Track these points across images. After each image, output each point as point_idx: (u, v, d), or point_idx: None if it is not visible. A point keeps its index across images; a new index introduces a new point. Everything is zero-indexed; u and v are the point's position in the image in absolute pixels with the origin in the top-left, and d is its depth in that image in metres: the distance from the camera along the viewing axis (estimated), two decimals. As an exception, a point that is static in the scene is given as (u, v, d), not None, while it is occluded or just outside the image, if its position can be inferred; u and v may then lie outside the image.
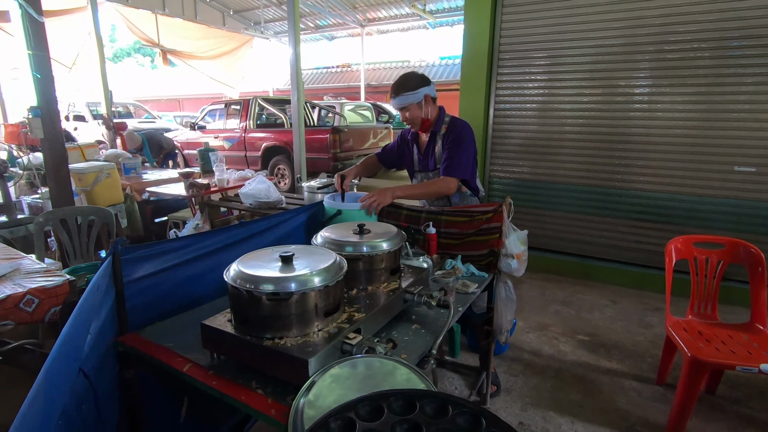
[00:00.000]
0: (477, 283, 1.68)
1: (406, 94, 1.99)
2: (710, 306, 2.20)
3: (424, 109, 2.04)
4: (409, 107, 2.02)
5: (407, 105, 2.01)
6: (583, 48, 3.51)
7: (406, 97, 1.99)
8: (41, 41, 2.64)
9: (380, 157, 2.38)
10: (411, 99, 1.99)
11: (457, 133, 2.04)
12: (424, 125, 2.09)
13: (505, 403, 2.14)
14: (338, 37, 14.12)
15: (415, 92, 1.99)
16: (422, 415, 0.63)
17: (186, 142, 8.62)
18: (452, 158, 2.01)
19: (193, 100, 20.00)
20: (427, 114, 2.06)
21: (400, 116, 2.10)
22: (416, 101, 2.00)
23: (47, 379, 0.74)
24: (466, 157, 2.03)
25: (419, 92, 2.00)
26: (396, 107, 2.07)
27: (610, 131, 3.53)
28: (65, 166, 2.88)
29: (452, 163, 2.00)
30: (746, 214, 3.17)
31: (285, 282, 1.05)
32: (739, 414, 2.06)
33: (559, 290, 3.50)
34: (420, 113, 2.04)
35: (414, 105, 2.01)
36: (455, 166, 2.00)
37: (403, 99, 2.00)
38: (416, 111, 2.03)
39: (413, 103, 2.01)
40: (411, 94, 1.99)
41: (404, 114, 2.06)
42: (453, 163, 2.00)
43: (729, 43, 3.05)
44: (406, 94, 1.99)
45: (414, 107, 2.02)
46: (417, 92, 1.99)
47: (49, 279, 1.64)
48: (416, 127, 2.12)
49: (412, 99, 2.00)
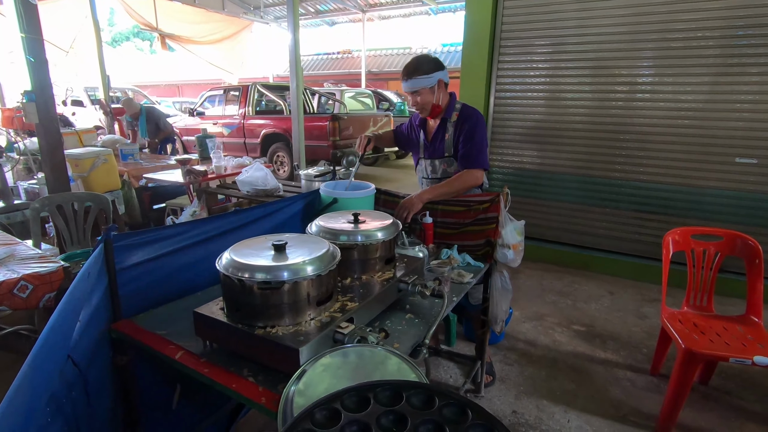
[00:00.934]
0: (472, 273, 1.68)
1: (419, 78, 1.92)
2: (706, 298, 2.20)
3: (436, 95, 1.97)
4: (421, 91, 1.94)
5: (419, 89, 1.93)
6: (585, 36, 3.46)
7: (419, 81, 1.92)
8: (34, 24, 2.60)
9: (396, 134, 2.34)
10: (424, 83, 1.92)
11: (472, 123, 1.97)
12: (435, 111, 2.02)
13: (500, 392, 2.15)
14: (339, 23, 13.92)
15: (428, 76, 1.92)
16: (408, 406, 0.63)
17: (185, 128, 8.57)
18: (472, 149, 1.95)
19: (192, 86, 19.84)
20: (439, 99, 1.99)
21: (410, 101, 2.02)
22: (429, 85, 1.93)
23: (33, 367, 0.74)
24: (485, 147, 1.99)
25: (433, 76, 1.93)
26: (407, 91, 1.98)
27: (611, 121, 3.49)
28: (61, 151, 2.85)
29: (474, 155, 1.95)
30: (747, 206, 3.15)
31: (277, 271, 1.05)
32: (731, 405, 2.08)
33: (556, 280, 3.50)
34: (432, 98, 1.97)
35: (426, 89, 1.94)
36: (477, 158, 1.95)
37: (416, 82, 1.92)
38: (428, 96, 1.96)
39: (426, 87, 1.93)
40: (424, 78, 1.92)
41: (415, 98, 1.97)
42: (474, 155, 1.95)
43: (734, 32, 3.00)
44: (419, 78, 1.92)
45: (426, 92, 1.95)
46: (431, 76, 1.92)
47: (43, 265, 1.63)
48: (426, 113, 2.04)
49: (425, 83, 1.92)
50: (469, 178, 1.94)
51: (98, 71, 7.26)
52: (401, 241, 1.71)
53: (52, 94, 2.74)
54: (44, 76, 2.66)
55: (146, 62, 22.50)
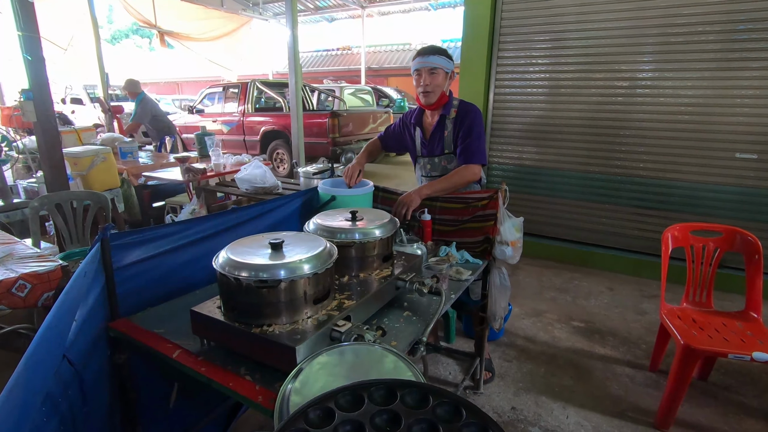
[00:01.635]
0: (471, 270, 1.68)
1: (441, 57, 1.93)
2: (705, 294, 2.20)
3: (447, 83, 1.99)
4: (439, 71, 1.93)
5: (439, 68, 1.93)
6: (585, 31, 3.44)
7: (442, 59, 1.93)
8: (31, 22, 2.59)
9: (382, 140, 2.32)
10: (444, 63, 1.94)
11: (471, 120, 1.98)
12: (441, 100, 2.00)
13: (499, 388, 2.16)
14: (338, 19, 13.85)
15: (449, 60, 1.96)
16: (402, 405, 0.63)
17: (184, 126, 8.54)
18: (471, 145, 1.96)
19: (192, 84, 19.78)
20: (447, 89, 2.01)
21: (421, 81, 1.95)
22: (447, 69, 1.96)
23: (28, 366, 0.74)
24: (483, 143, 2.00)
25: (451, 63, 1.97)
26: (425, 66, 1.92)
27: (611, 116, 3.48)
28: (59, 150, 2.85)
29: (472, 150, 1.96)
30: (747, 201, 3.15)
31: (273, 269, 1.05)
32: (730, 400, 2.08)
33: (556, 277, 3.50)
34: (444, 83, 1.97)
35: (443, 72, 1.95)
36: (476, 153, 1.96)
37: (438, 60, 1.92)
38: (442, 79, 1.96)
39: (444, 68, 1.95)
40: (446, 60, 1.94)
41: (430, 77, 1.93)
42: (472, 150, 1.96)
43: (735, 27, 2.98)
44: (442, 57, 1.93)
45: (442, 74, 1.95)
46: (450, 62, 1.96)
47: (41, 264, 1.63)
48: (431, 99, 1.98)
49: (445, 64, 1.94)
50: (467, 173, 1.94)
51: (97, 69, 7.24)
52: (399, 238, 1.71)
53: (49, 93, 2.73)
54: (42, 74, 2.65)
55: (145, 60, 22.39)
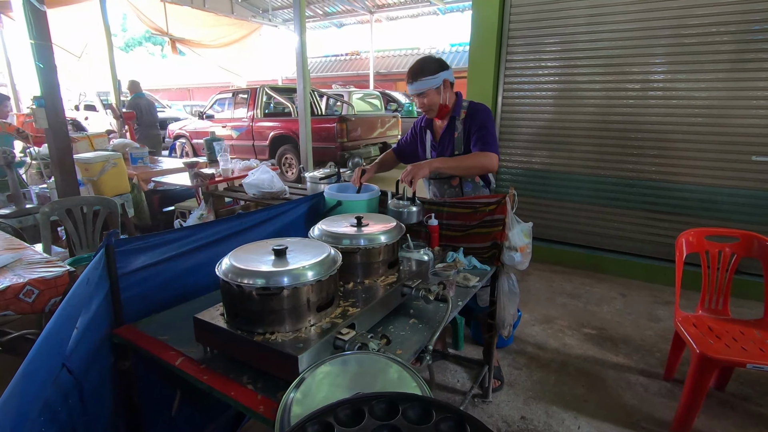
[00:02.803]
0: (479, 276, 1.64)
1: (424, 79, 1.90)
2: (722, 301, 2.14)
3: (443, 95, 1.96)
4: (427, 93, 1.93)
5: (426, 90, 1.92)
6: (596, 33, 3.40)
7: (425, 82, 1.91)
8: (44, 31, 2.63)
9: (396, 151, 2.32)
10: (430, 84, 1.91)
11: (482, 116, 1.96)
12: (442, 111, 2.00)
13: (508, 397, 2.11)
14: (347, 25, 13.94)
15: (434, 77, 1.91)
16: (404, 420, 0.60)
17: (194, 131, 8.64)
18: (486, 136, 1.92)
19: (203, 90, 20.03)
20: (446, 100, 1.98)
21: (417, 103, 2.00)
22: (435, 86, 1.92)
23: (25, 375, 0.73)
24: (496, 136, 1.97)
25: (438, 77, 1.91)
26: (413, 93, 1.97)
27: (622, 119, 3.42)
28: (70, 156, 2.88)
29: (488, 140, 1.92)
30: (764, 205, 3.06)
31: (276, 276, 1.03)
32: (748, 411, 2.01)
33: (566, 282, 3.44)
34: (438, 99, 1.95)
35: (432, 90, 1.93)
36: (492, 144, 1.92)
37: (422, 84, 1.91)
38: (435, 97, 1.94)
39: (432, 88, 1.92)
40: (430, 79, 1.90)
41: (422, 100, 1.96)
42: (488, 140, 1.92)
43: (750, 27, 2.91)
44: (425, 79, 1.90)
45: (432, 93, 1.93)
46: (436, 77, 1.91)
47: (49, 270, 1.64)
48: (433, 114, 2.02)
49: (431, 84, 1.91)
50: (483, 158, 1.88)
51: (110, 76, 7.37)
52: (406, 243, 1.69)
53: (61, 100, 2.77)
54: (53, 81, 2.69)
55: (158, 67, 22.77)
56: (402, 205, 1.81)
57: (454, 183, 2.09)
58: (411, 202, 1.83)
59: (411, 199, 1.84)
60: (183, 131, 9.07)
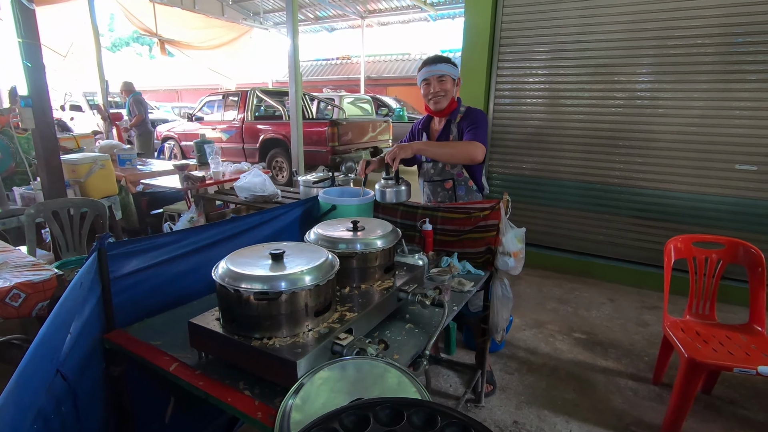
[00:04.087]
0: (473, 281, 1.65)
1: (448, 65, 2.01)
2: (708, 306, 2.18)
3: (455, 89, 2.05)
4: (446, 78, 2.00)
5: (446, 74, 2.00)
6: (585, 42, 3.46)
7: (448, 67, 2.00)
8: (32, 29, 2.58)
9: None
10: (450, 70, 2.01)
11: (476, 118, 2.02)
12: (450, 106, 2.06)
13: (500, 402, 2.12)
14: (338, 29, 13.96)
15: (455, 67, 2.03)
16: (410, 425, 0.60)
17: (183, 134, 8.54)
18: (477, 131, 1.96)
19: (191, 91, 19.84)
20: (456, 94, 2.07)
21: (430, 89, 2.02)
22: (454, 75, 2.02)
23: (19, 383, 0.71)
24: (486, 135, 2.01)
25: (457, 70, 2.04)
26: (434, 74, 1.99)
27: (610, 127, 3.49)
28: (57, 156, 2.83)
29: (478, 134, 1.95)
30: (747, 213, 3.14)
31: (274, 281, 1.02)
32: (735, 415, 2.05)
33: (556, 287, 3.48)
34: (452, 89, 2.04)
35: (450, 78, 2.02)
36: (481, 137, 1.94)
37: (445, 67, 2.00)
38: (451, 84, 2.03)
39: (451, 75, 2.01)
40: (451, 66, 2.02)
41: (439, 84, 2.00)
42: (478, 134, 1.95)
43: (733, 39, 3.00)
44: (448, 65, 2.01)
45: (450, 80, 2.02)
46: (456, 68, 2.03)
47: (36, 273, 1.60)
48: (442, 104, 2.04)
49: (452, 71, 2.01)
50: (468, 145, 1.90)
51: (97, 76, 7.26)
52: (400, 248, 1.69)
53: (48, 100, 2.72)
54: (41, 81, 2.64)
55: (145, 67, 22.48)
56: (389, 185, 1.91)
57: (447, 186, 2.11)
58: (395, 181, 1.91)
59: (396, 179, 1.92)
60: (171, 133, 8.96)
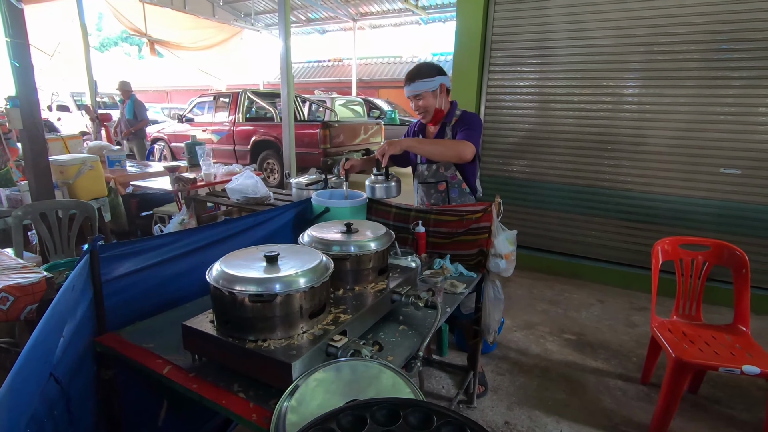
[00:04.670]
0: (465, 283, 1.67)
1: (422, 81, 1.98)
2: (695, 307, 2.23)
3: (439, 99, 2.02)
4: (423, 95, 2.00)
5: (422, 92, 1.99)
6: (573, 47, 3.52)
7: (422, 84, 1.98)
8: (20, 29, 2.55)
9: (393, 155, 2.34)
10: (426, 86, 1.98)
11: (470, 121, 2.02)
12: (437, 116, 2.06)
13: (492, 403, 2.14)
14: (330, 31, 13.97)
15: (431, 80, 1.98)
16: (406, 425, 0.61)
17: (173, 135, 8.47)
18: (467, 132, 1.98)
19: (181, 92, 19.68)
20: (441, 104, 2.04)
21: (413, 106, 2.06)
22: (431, 89, 1.99)
23: (13, 388, 0.70)
24: (479, 138, 2.02)
25: (435, 80, 1.99)
26: (410, 94, 2.03)
27: (599, 131, 3.55)
28: (45, 158, 2.79)
29: (470, 135, 1.96)
30: (731, 215, 3.21)
31: (269, 283, 1.03)
32: (720, 414, 2.09)
33: (547, 289, 3.51)
34: (434, 102, 2.02)
35: (429, 93, 2.00)
36: (473, 138, 1.96)
37: (419, 85, 1.98)
38: (430, 99, 2.01)
39: (428, 90, 1.99)
40: (427, 81, 1.98)
41: (417, 102, 2.02)
42: (470, 135, 1.97)
43: (718, 46, 3.08)
44: (422, 81, 1.98)
45: (428, 95, 2.00)
46: (433, 80, 1.98)
47: (25, 276, 1.58)
48: (428, 118, 2.07)
49: (428, 86, 1.98)
50: (458, 144, 1.92)
51: (85, 76, 7.17)
52: (394, 250, 1.70)
53: (37, 100, 2.68)
54: (30, 81, 2.60)
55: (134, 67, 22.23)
56: (379, 181, 1.96)
57: (441, 188, 2.13)
58: (385, 178, 1.96)
59: (385, 175, 1.96)
60: (161, 134, 8.88)
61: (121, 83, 6.74)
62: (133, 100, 6.73)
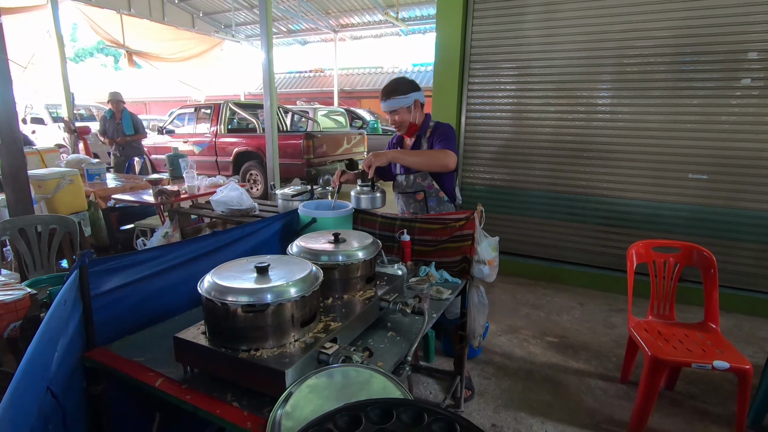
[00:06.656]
0: (450, 290, 1.72)
1: (397, 98, 2.07)
2: (668, 306, 2.33)
3: (413, 114, 2.12)
4: (398, 111, 2.09)
5: (397, 108, 2.08)
6: (548, 60, 3.66)
7: (397, 101, 2.07)
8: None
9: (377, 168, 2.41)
10: (401, 103, 2.07)
11: (443, 130, 2.12)
12: (411, 129, 2.17)
13: (479, 406, 2.19)
14: (311, 42, 14.08)
15: (406, 96, 2.07)
16: (399, 423, 0.65)
17: (153, 147, 8.36)
18: (445, 142, 2.06)
19: (159, 103, 19.43)
20: (415, 119, 2.14)
21: (389, 119, 2.16)
22: (406, 105, 2.08)
23: (13, 403, 0.71)
24: (455, 146, 2.10)
25: (409, 97, 2.08)
26: (386, 110, 2.13)
27: (574, 140, 3.68)
28: (24, 172, 2.74)
29: (448, 144, 2.05)
30: (700, 218, 3.37)
31: (261, 293, 1.05)
32: (695, 408, 2.19)
33: (529, 293, 3.60)
34: (409, 117, 2.11)
35: (404, 109, 2.09)
36: (450, 147, 2.04)
37: (394, 102, 2.07)
38: (405, 115, 2.10)
39: (403, 106, 2.08)
40: (402, 98, 2.07)
41: (393, 117, 2.13)
42: (448, 144, 2.05)
43: (683, 58, 3.25)
44: (397, 98, 2.07)
45: (403, 111, 2.09)
46: (408, 96, 2.07)
47: (7, 293, 1.56)
48: (403, 131, 2.19)
49: (403, 103, 2.07)
50: (440, 154, 2.00)
51: (62, 88, 7.03)
52: (380, 259, 1.74)
53: (15, 113, 2.64)
54: (8, 94, 2.57)
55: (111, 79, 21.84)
56: (364, 192, 2.04)
57: (419, 197, 2.19)
58: (371, 189, 2.04)
59: (371, 186, 2.04)
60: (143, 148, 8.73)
61: (112, 94, 6.35)
62: (130, 114, 6.37)
